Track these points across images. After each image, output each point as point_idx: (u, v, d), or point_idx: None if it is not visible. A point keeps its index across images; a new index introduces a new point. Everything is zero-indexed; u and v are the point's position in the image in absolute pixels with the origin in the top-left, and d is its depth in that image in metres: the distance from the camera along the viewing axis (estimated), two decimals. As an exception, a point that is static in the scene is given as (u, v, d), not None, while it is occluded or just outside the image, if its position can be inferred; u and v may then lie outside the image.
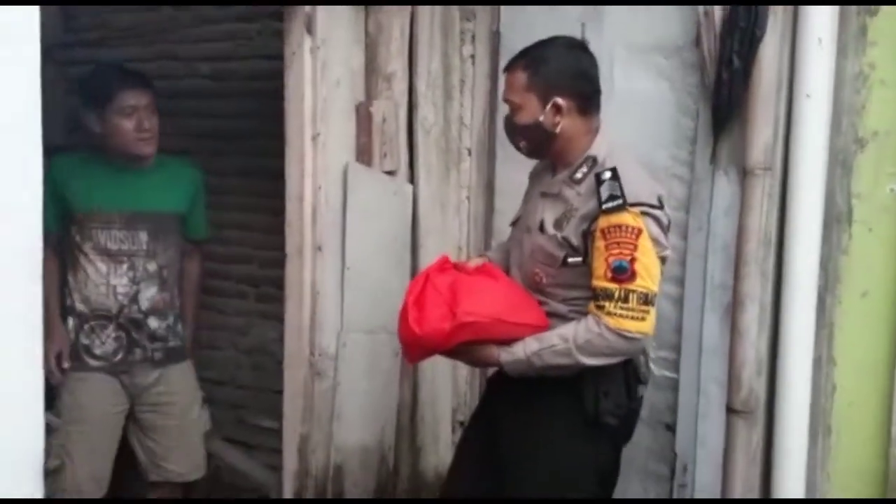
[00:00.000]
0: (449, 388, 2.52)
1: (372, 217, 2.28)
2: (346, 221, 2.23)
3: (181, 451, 2.29)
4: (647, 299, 1.58)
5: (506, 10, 2.41)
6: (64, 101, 2.75)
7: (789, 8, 1.91)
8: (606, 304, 1.58)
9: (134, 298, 2.22)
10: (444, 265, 1.80)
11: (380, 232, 2.30)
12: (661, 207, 1.65)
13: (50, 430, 2.04)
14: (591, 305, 1.61)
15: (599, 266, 1.60)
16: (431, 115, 2.41)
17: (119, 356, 2.21)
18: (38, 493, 1.12)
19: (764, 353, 1.98)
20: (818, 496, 2.04)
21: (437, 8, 2.37)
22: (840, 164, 1.98)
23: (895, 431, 1.94)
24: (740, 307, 1.97)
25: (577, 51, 1.77)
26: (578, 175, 1.70)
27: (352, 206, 2.22)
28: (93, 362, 2.19)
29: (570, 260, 1.68)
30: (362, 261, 2.25)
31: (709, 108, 2.02)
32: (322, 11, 2.14)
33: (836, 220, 1.99)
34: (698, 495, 2.13)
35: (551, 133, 1.72)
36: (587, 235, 1.65)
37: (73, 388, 2.16)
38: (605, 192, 1.61)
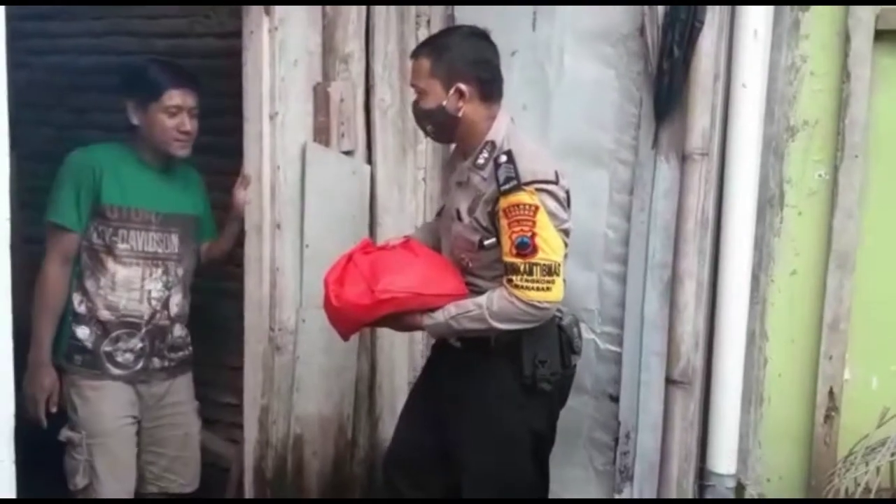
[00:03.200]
0: (406, 359, 2.60)
1: (330, 196, 2.31)
2: (305, 200, 2.26)
3: (184, 462, 2.22)
4: (550, 270, 1.68)
5: (460, -5, 2.45)
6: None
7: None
8: (514, 277, 1.69)
9: (165, 304, 2.11)
10: (366, 248, 1.91)
11: (338, 211, 2.34)
12: (556, 182, 1.74)
13: (72, 445, 2.01)
14: (504, 279, 1.72)
15: (505, 243, 1.71)
16: (388, 97, 2.45)
17: (140, 365, 2.09)
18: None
19: (701, 328, 2.10)
20: (751, 460, 2.18)
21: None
22: (773, 151, 2.10)
23: (820, 399, 2.09)
24: (679, 284, 2.08)
25: (478, 39, 1.85)
26: (480, 161, 1.80)
27: (310, 185, 2.26)
28: (114, 370, 2.05)
29: (486, 242, 1.78)
30: (321, 239, 2.29)
31: (651, 95, 2.10)
32: (279, -10, 2.16)
33: (769, 203, 2.12)
34: (639, 461, 2.25)
35: (454, 117, 1.80)
36: (493, 216, 1.75)
37: (88, 396, 2.03)
38: (501, 174, 1.71)
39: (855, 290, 2.04)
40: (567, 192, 1.80)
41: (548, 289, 1.69)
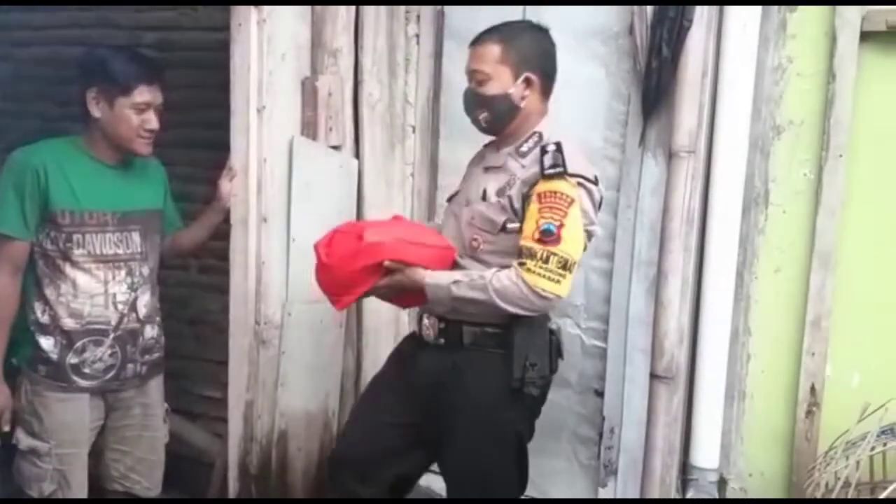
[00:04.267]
0: (391, 356, 2.60)
1: (317, 190, 2.31)
2: (292, 194, 2.25)
3: (149, 465, 2.14)
4: (566, 264, 1.66)
5: (451, -8, 2.45)
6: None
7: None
8: (528, 261, 1.66)
9: (133, 306, 2.00)
10: (348, 224, 1.99)
11: (325, 205, 2.33)
12: (595, 183, 1.75)
13: (37, 454, 1.92)
14: (516, 262, 1.69)
15: (529, 227, 1.68)
16: (377, 92, 2.45)
17: (111, 374, 1.98)
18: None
19: (686, 324, 2.11)
20: (733, 455, 2.20)
21: (385, -15, 2.40)
22: (759, 150, 2.12)
23: (801, 395, 2.11)
24: (664, 281, 2.09)
25: (546, 34, 1.86)
26: (524, 148, 1.79)
27: (297, 179, 2.25)
28: (82, 382, 1.95)
29: (510, 226, 1.75)
30: (307, 233, 2.27)
31: (639, 93, 2.11)
32: (268, -17, 2.15)
33: (754, 201, 2.14)
34: (623, 455, 2.27)
35: (516, 107, 1.78)
36: (526, 199, 1.72)
37: (54, 409, 1.93)
38: (548, 160, 1.70)
39: (837, 288, 2.06)
40: (602, 198, 1.81)
41: (558, 281, 1.66)
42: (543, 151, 1.72)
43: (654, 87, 2.04)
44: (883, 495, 1.72)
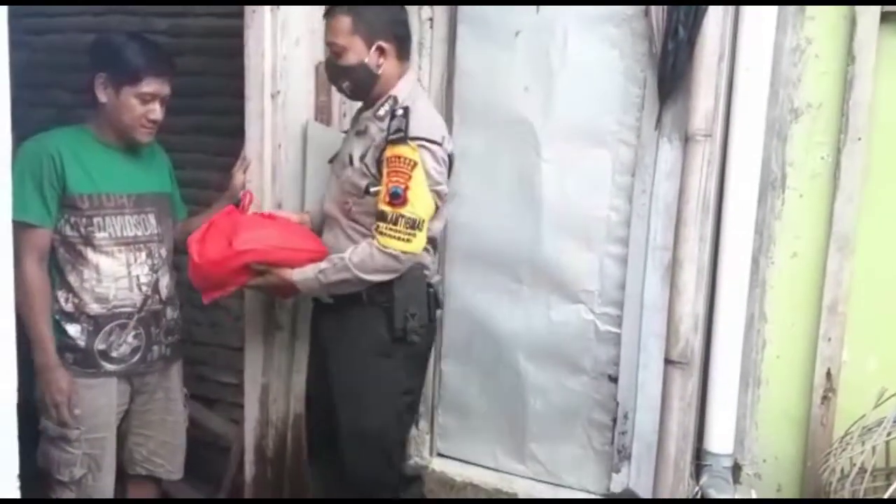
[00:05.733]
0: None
1: (331, 176, 2.31)
2: (306, 178, 2.26)
3: (171, 449, 2.17)
4: (414, 224, 1.80)
5: (464, -24, 2.44)
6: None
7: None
8: (381, 224, 1.81)
9: (155, 287, 2.03)
10: (230, 211, 2.00)
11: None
12: (439, 144, 1.84)
13: (67, 440, 1.93)
14: (374, 227, 1.84)
15: (382, 191, 1.82)
16: (390, 77, 2.44)
17: (137, 356, 2.01)
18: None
19: (701, 310, 2.10)
20: (748, 440, 2.20)
21: (397, -30, 2.38)
22: (776, 134, 2.09)
23: (817, 380, 2.10)
24: (679, 266, 2.07)
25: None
26: (381, 112, 1.89)
27: (311, 164, 2.25)
28: (109, 366, 1.97)
29: (372, 189, 1.86)
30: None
31: (655, 76, 2.09)
32: (281, -31, 2.14)
33: (770, 185, 2.11)
34: (637, 441, 2.27)
35: (374, 74, 1.89)
36: (380, 163, 1.85)
37: (83, 395, 1.95)
38: (393, 125, 1.83)
39: (854, 272, 2.04)
40: (450, 157, 1.91)
41: (408, 240, 1.80)
42: (392, 116, 1.83)
43: (671, 70, 2.02)
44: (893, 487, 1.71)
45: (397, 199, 1.78)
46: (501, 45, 2.33)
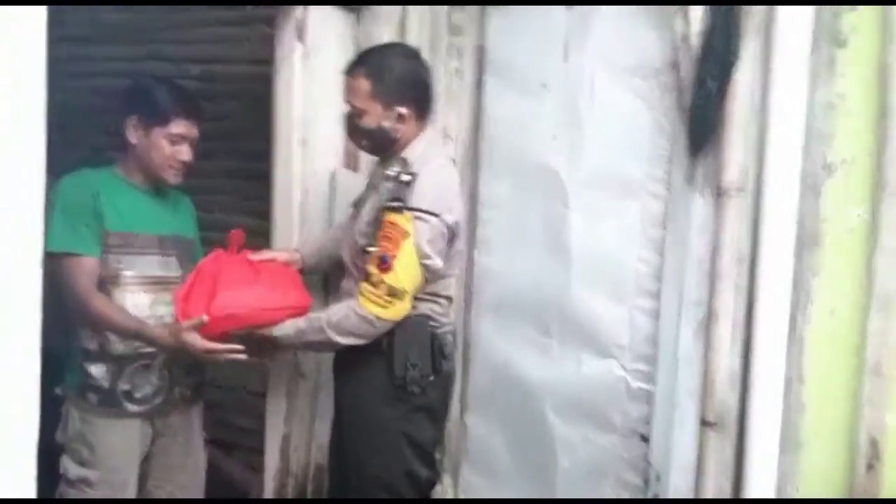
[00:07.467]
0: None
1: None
2: (334, 225, 2.26)
3: (189, 493, 2.14)
4: (394, 293, 1.78)
5: (491, 27, 2.44)
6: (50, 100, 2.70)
7: (763, 35, 1.96)
8: (364, 284, 1.80)
9: None
10: (216, 257, 1.97)
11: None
12: (437, 216, 1.81)
13: (87, 482, 1.91)
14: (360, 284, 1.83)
15: (373, 252, 1.81)
16: (418, 125, 2.45)
17: (160, 398, 2.00)
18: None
19: (736, 368, 2.03)
20: (789, 507, 2.09)
21: (426, 21, 2.39)
22: (810, 189, 2.05)
23: (861, 447, 2.00)
24: (714, 322, 2.01)
25: (415, 60, 1.91)
26: (390, 173, 1.87)
27: (339, 212, 2.25)
28: (132, 408, 1.96)
29: (370, 249, 1.84)
30: (347, 266, 2.27)
31: (685, 128, 2.06)
32: (313, 18, 2.17)
33: (806, 241, 2.06)
34: (671, 504, 2.18)
35: (392, 138, 1.89)
36: (379, 224, 1.83)
37: (105, 437, 1.94)
38: (394, 192, 1.81)
39: (897, 333, 1.96)
40: (449, 228, 1.85)
41: (384, 307, 1.79)
42: (398, 182, 1.80)
43: (702, 123, 1.99)
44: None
45: (384, 264, 1.78)
46: (529, 95, 2.33)
